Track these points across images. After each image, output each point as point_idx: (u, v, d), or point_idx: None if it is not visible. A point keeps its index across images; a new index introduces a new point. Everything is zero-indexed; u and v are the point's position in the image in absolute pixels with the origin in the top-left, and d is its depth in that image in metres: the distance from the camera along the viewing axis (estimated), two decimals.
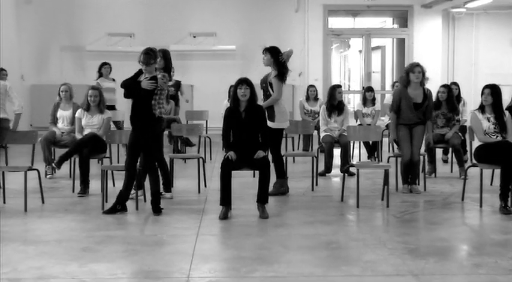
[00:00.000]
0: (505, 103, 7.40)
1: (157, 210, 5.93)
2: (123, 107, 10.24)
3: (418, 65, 7.03)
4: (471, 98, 13.46)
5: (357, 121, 10.32)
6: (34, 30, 14.01)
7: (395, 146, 9.96)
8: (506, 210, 5.98)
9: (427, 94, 7.07)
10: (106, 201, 6.26)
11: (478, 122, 6.45)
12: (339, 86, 8.74)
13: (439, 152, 9.09)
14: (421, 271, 4.21)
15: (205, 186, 7.41)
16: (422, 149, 7.34)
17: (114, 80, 10.89)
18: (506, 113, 6.52)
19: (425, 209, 6.41)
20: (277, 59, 6.80)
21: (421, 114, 7.07)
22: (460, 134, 8.34)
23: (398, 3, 14.72)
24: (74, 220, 5.76)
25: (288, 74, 6.88)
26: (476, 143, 6.54)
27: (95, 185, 7.09)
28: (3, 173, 6.80)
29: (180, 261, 4.46)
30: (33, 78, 14.04)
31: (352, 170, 8.01)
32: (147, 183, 6.29)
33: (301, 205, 6.53)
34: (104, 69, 10.97)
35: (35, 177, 6.60)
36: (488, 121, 6.41)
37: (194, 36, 14.18)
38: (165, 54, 6.80)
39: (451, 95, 8.30)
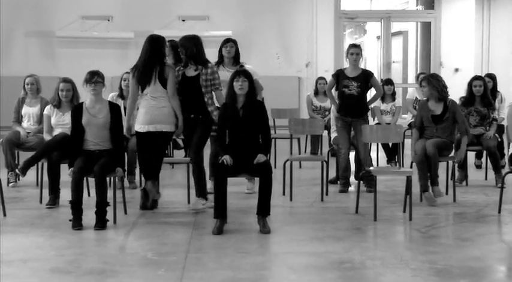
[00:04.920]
0: None
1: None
2: None
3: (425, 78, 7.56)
4: (510, 93, 13.47)
5: (374, 119, 10.33)
6: None
7: None
8: None
9: (448, 106, 7.29)
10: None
11: None
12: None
13: (471, 155, 9.10)
14: None
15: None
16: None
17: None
18: None
19: (455, 223, 6.42)
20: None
21: (443, 132, 7.25)
22: (496, 134, 8.35)
23: None
24: (41, 236, 5.77)
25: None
26: None
27: (66, 194, 7.09)
28: None
29: None
30: None
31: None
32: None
33: (308, 218, 6.54)
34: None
35: None
36: None
37: (183, 20, 14.19)
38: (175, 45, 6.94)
39: (486, 88, 8.33)
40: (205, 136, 6.81)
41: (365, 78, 7.78)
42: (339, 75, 7.83)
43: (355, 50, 7.77)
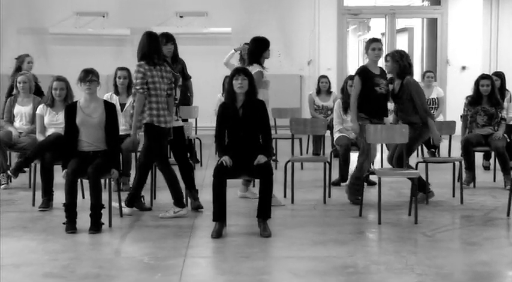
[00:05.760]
0: None
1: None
2: None
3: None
4: None
5: None
6: None
7: (425, 149, 10.01)
8: None
9: (403, 84, 7.25)
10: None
11: None
12: (353, 78, 8.76)
13: (479, 156, 9.11)
14: None
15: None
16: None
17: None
18: None
19: (462, 226, 6.42)
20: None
21: (402, 112, 7.34)
22: (505, 135, 8.35)
23: None
24: (34, 240, 5.76)
25: None
26: None
27: (59, 197, 7.09)
28: None
29: None
30: None
31: (373, 178, 8.02)
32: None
33: (310, 221, 6.54)
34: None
35: None
36: None
37: (181, 16, 14.20)
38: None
39: (493, 87, 8.34)
40: (149, 143, 6.60)
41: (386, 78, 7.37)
42: (366, 73, 7.15)
43: (377, 45, 7.19)
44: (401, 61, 7.21)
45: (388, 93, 7.26)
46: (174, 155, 7.04)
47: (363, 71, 7.17)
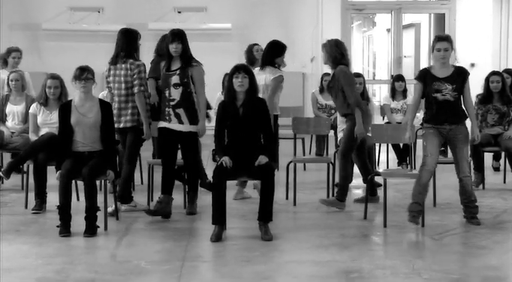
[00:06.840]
0: None
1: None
2: None
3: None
4: None
5: (383, 118, 10.36)
6: None
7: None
8: None
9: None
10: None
11: None
12: (359, 76, 8.77)
13: (488, 157, 9.11)
14: None
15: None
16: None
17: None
18: None
19: (471, 230, 6.41)
20: None
21: (336, 104, 7.37)
22: None
23: None
24: (27, 243, 5.77)
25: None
26: None
27: (53, 199, 7.10)
28: None
29: None
30: None
31: (378, 179, 8.02)
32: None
33: (313, 224, 6.55)
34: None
35: None
36: None
37: (179, 12, 14.22)
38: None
39: (504, 84, 8.35)
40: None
41: (462, 79, 6.48)
42: (426, 76, 6.52)
43: (442, 45, 6.41)
44: (331, 51, 7.14)
45: (457, 99, 6.47)
46: (182, 156, 6.96)
47: (422, 74, 6.60)
